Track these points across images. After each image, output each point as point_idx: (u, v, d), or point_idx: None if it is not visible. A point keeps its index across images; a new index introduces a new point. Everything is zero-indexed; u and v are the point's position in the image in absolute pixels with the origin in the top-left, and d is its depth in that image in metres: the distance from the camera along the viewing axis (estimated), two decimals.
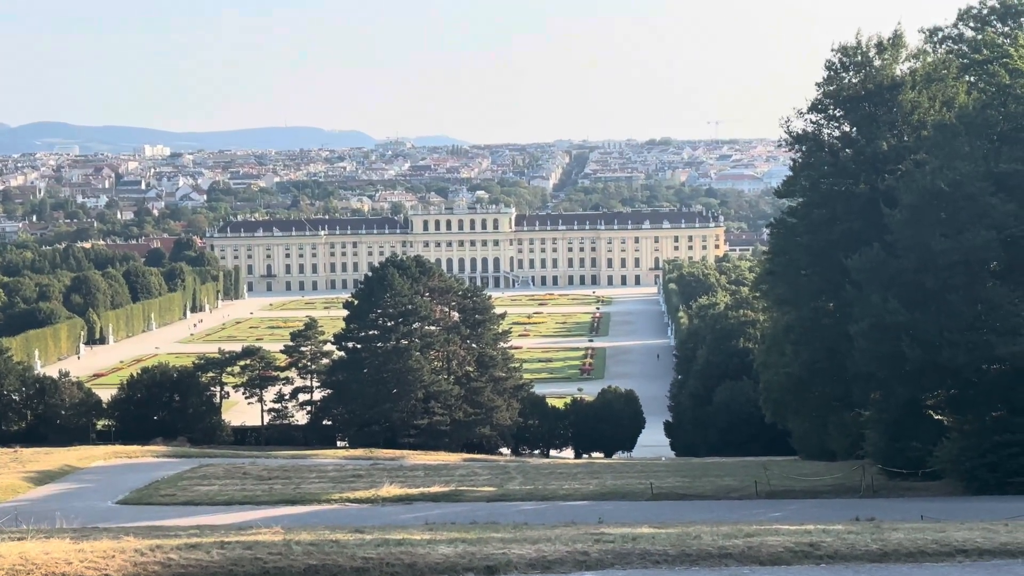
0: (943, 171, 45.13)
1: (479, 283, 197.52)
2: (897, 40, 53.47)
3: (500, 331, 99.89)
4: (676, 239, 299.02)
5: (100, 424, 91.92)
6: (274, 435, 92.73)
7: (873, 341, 45.54)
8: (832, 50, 53.43)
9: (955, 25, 55.73)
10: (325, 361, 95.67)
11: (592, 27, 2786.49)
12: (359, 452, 79.60)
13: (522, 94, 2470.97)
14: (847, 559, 18.09)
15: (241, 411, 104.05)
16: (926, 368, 45.12)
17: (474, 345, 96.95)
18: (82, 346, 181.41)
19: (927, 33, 55.91)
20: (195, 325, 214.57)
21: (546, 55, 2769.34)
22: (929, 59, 53.82)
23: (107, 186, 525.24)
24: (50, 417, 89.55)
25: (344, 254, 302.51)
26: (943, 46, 55.33)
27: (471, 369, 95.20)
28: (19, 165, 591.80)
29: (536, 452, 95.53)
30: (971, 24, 56.00)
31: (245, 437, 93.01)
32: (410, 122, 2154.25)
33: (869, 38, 53.33)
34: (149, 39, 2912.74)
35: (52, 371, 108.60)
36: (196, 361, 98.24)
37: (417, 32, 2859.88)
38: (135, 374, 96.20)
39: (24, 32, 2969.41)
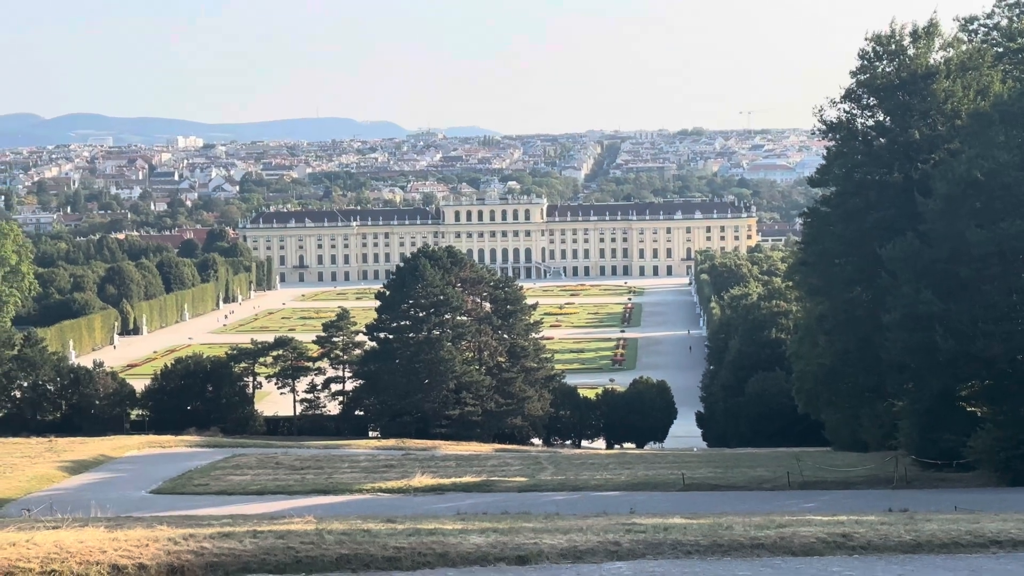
0: (978, 160, 44.82)
1: (510, 273, 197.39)
2: (932, 29, 53.12)
3: (531, 321, 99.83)
4: (708, 229, 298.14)
5: (134, 414, 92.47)
6: (306, 425, 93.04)
7: (906, 331, 45.32)
8: (866, 39, 53.19)
9: (990, 14, 55.39)
10: (357, 351, 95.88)
11: (624, 17, 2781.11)
12: (391, 442, 79.79)
13: (554, 84, 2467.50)
14: (880, 550, 17.99)
15: (274, 401, 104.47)
16: (960, 358, 44.85)
17: (505, 336, 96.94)
18: (116, 336, 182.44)
19: (962, 22, 55.64)
20: (226, 316, 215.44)
21: (578, 45, 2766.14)
22: (964, 48, 53.48)
23: (140, 177, 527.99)
24: (84, 407, 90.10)
25: (376, 245, 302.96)
26: (978, 35, 54.98)
27: (503, 359, 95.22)
28: (53, 157, 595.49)
29: (567, 443, 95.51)
30: (1007, 12, 55.63)
31: (277, 427, 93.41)
32: (442, 113, 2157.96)
33: (903, 27, 53.07)
34: (182, 30, 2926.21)
35: (86, 361, 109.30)
36: (229, 351, 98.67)
37: (449, 22, 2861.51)
38: (168, 364, 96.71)
39: (58, 25, 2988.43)
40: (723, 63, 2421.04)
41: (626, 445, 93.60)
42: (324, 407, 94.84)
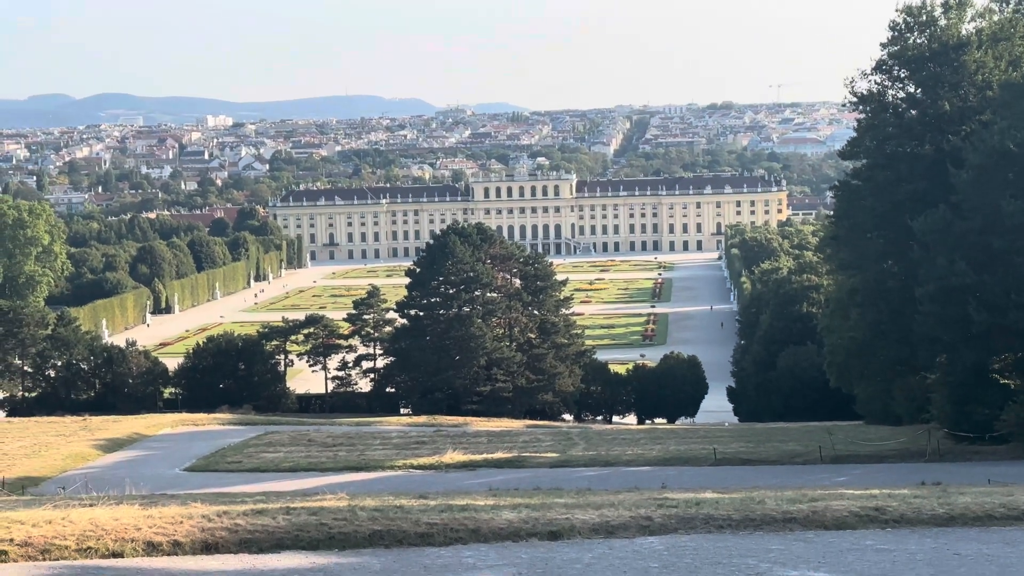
0: (1011, 131, 44.47)
1: (540, 250, 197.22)
2: (963, 0, 52.69)
3: (562, 297, 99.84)
4: (738, 204, 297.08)
5: (167, 392, 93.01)
6: (338, 402, 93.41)
7: (939, 304, 45.08)
8: (897, 10, 52.81)
9: None
10: (388, 329, 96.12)
11: None
12: (422, 419, 79.99)
13: (582, 60, 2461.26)
14: (913, 523, 17.93)
15: (305, 379, 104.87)
16: (993, 331, 44.60)
17: (536, 312, 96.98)
18: (148, 315, 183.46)
19: None
20: (257, 294, 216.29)
21: (606, 20, 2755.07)
22: (995, 18, 53.01)
23: (171, 156, 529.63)
24: (118, 386, 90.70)
25: (406, 222, 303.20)
26: (1010, 4, 54.45)
27: (533, 336, 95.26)
28: (84, 137, 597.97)
29: (599, 418, 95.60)
30: None
31: (309, 405, 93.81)
32: (470, 89, 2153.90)
33: None
34: (211, 10, 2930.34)
35: (119, 340, 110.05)
36: (260, 330, 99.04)
37: None
38: (200, 343, 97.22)
39: (88, 5, 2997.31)
40: (752, 36, 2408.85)
41: (657, 420, 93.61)
42: (355, 384, 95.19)
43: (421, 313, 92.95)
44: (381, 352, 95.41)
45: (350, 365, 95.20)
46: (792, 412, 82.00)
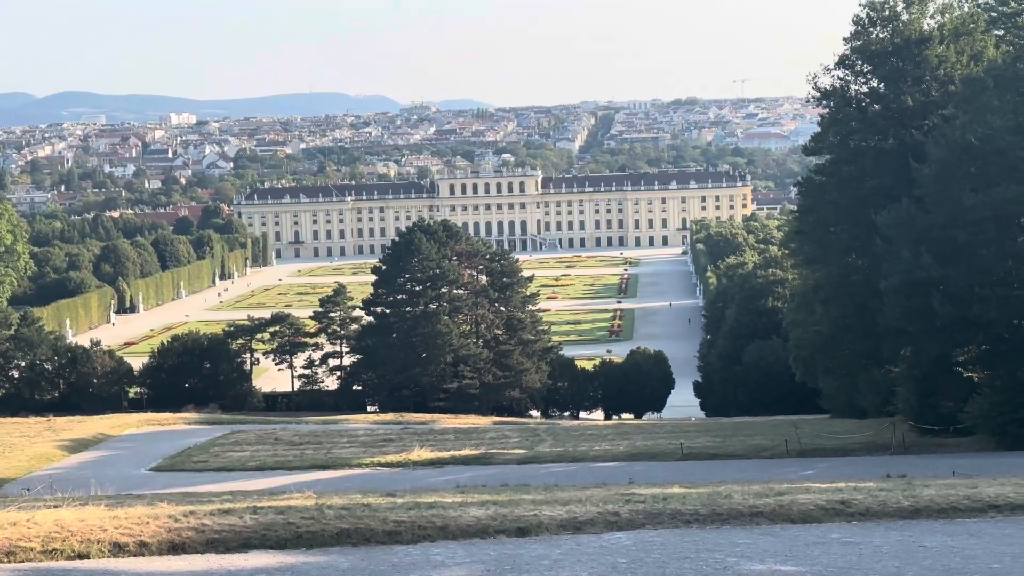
0: (973, 125, 44.75)
1: (506, 246, 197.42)
2: None
3: (528, 294, 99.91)
4: (703, 199, 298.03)
5: (132, 392, 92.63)
6: (305, 401, 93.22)
7: (903, 297, 45.32)
8: (860, 4, 53.04)
9: None
10: (354, 327, 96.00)
11: None
12: (389, 416, 79.88)
13: (547, 56, 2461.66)
14: (879, 516, 18.02)
15: (272, 377, 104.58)
16: (957, 323, 44.87)
17: (502, 308, 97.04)
18: (113, 315, 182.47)
19: None
20: (222, 293, 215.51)
21: (570, 15, 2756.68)
22: (957, 13, 53.35)
23: (134, 155, 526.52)
24: (82, 386, 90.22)
25: (371, 219, 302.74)
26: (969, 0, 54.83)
27: (500, 332, 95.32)
28: (46, 135, 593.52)
29: (566, 414, 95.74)
30: None
31: (276, 403, 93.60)
32: (435, 86, 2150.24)
33: None
34: (173, 7, 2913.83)
35: (83, 340, 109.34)
36: (226, 328, 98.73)
37: None
38: (166, 342, 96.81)
39: (49, 2, 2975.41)
40: (716, 32, 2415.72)
41: (624, 416, 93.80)
42: (322, 382, 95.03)
43: (387, 311, 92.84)
44: (348, 350, 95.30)
45: (316, 363, 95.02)
46: (758, 406, 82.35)
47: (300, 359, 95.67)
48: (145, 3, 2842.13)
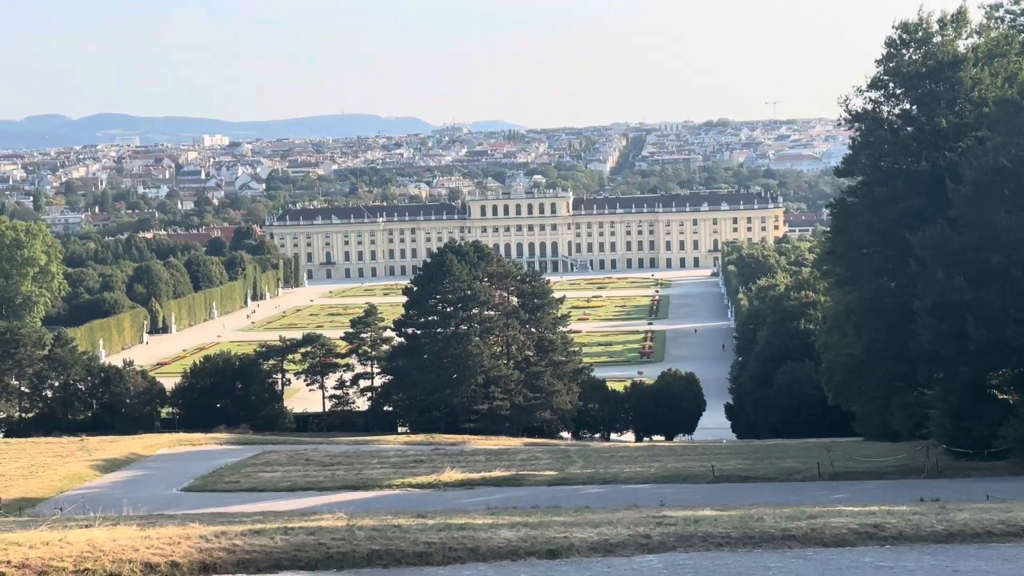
0: (1006, 147, 44.55)
1: (537, 268, 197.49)
2: (960, 16, 52.84)
3: (559, 315, 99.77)
4: (735, 221, 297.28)
5: (164, 412, 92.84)
6: (336, 421, 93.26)
7: (937, 319, 45.08)
8: (893, 27, 52.92)
9: (1017, 0, 54.96)
10: (385, 347, 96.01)
11: (648, 9, 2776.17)
12: (420, 437, 79.88)
13: (578, 78, 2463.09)
14: (912, 540, 17.90)
15: (303, 398, 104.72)
16: (990, 346, 44.58)
17: (533, 330, 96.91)
18: (145, 335, 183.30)
19: (988, 8, 55.20)
20: (253, 313, 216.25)
21: (602, 38, 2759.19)
22: (992, 35, 53.13)
23: (167, 176, 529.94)
24: (115, 406, 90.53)
25: (403, 240, 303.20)
26: (1005, 21, 54.60)
27: (531, 354, 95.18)
28: (81, 157, 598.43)
29: (597, 436, 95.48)
30: None
31: (307, 424, 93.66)
32: (466, 108, 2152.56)
33: (930, 14, 52.84)
34: (208, 29, 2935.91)
35: (116, 360, 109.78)
36: (258, 349, 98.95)
37: (472, 16, 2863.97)
38: (198, 362, 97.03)
39: (84, 25, 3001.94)
40: (748, 53, 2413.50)
41: (655, 437, 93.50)
42: (353, 403, 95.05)
43: (418, 331, 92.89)
44: (378, 371, 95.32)
45: (347, 384, 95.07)
46: (790, 429, 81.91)
47: (331, 380, 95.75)
48: (179, 27, 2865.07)
